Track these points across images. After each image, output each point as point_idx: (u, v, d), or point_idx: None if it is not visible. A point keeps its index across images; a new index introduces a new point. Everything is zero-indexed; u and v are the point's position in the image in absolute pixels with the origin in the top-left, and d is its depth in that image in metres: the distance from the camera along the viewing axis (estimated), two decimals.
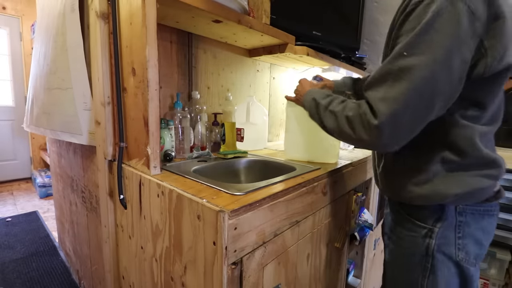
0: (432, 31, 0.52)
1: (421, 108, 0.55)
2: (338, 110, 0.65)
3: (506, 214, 1.49)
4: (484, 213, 0.66)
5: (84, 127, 1.05)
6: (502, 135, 1.67)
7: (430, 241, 0.66)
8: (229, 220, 0.56)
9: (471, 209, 0.65)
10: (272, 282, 0.72)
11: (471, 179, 0.62)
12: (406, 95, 0.53)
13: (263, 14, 1.18)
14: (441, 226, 0.66)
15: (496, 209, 0.69)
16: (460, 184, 0.62)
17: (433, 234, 0.66)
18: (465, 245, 0.65)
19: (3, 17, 3.17)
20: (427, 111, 0.56)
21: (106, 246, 1.03)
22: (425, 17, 0.52)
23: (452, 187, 0.63)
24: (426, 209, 0.67)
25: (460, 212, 0.65)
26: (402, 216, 0.72)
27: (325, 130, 0.71)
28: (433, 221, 0.67)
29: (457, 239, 0.65)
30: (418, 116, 0.56)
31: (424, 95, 0.54)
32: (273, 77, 1.69)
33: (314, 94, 0.77)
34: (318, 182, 0.86)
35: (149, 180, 0.78)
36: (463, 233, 0.65)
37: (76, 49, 1.02)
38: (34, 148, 3.52)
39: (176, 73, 1.16)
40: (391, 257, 0.77)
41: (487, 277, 1.56)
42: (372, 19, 1.97)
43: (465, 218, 0.65)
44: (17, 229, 2.23)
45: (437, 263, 0.66)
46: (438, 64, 0.52)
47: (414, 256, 0.69)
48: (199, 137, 1.17)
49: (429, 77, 0.52)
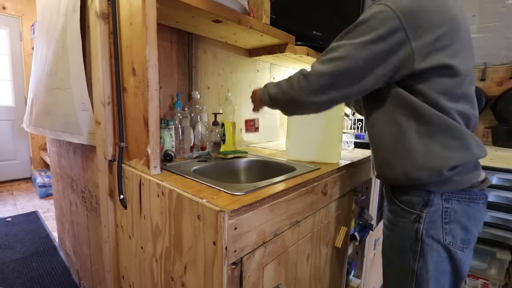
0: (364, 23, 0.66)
1: (341, 76, 0.68)
2: (281, 81, 0.80)
3: (506, 214, 1.49)
4: (469, 200, 0.71)
5: (84, 127, 1.05)
6: (502, 135, 1.67)
7: (419, 226, 0.72)
8: (229, 220, 0.56)
9: (457, 197, 0.70)
10: (272, 282, 0.72)
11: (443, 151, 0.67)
12: (332, 63, 0.68)
13: (263, 14, 1.18)
14: (428, 211, 0.71)
15: (482, 197, 0.73)
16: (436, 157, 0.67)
17: (421, 219, 0.72)
18: (452, 230, 0.71)
19: (3, 17, 3.17)
20: (346, 79, 0.69)
21: (106, 246, 1.03)
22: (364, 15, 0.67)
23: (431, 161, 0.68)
24: (414, 195, 0.73)
25: (446, 199, 0.71)
26: (394, 203, 0.78)
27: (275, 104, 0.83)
28: (420, 207, 0.72)
29: (444, 224, 0.71)
30: (339, 79, 0.69)
31: (342, 66, 0.67)
32: (273, 77, 1.69)
33: (266, 87, 0.87)
34: (318, 182, 0.86)
35: (149, 180, 0.78)
36: (450, 218, 0.71)
37: (74, 49, 1.02)
38: (34, 148, 3.52)
39: (176, 73, 1.16)
40: (387, 244, 0.83)
41: (487, 277, 1.57)
42: None
43: (451, 205, 0.71)
44: (17, 229, 2.23)
45: (426, 247, 0.72)
46: (359, 50, 0.65)
47: (406, 241, 0.75)
48: (199, 137, 1.17)
49: (350, 55, 0.66)
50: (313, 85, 0.70)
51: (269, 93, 0.83)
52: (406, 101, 0.69)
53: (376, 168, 0.82)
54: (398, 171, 0.73)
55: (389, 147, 0.74)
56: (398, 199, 0.77)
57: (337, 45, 0.69)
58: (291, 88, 0.75)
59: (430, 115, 0.67)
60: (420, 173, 0.69)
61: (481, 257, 1.57)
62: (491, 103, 1.84)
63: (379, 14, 0.64)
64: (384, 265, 0.85)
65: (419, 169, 0.69)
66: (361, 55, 0.65)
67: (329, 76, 0.68)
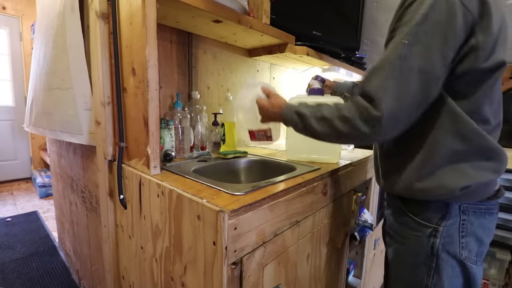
0: (429, 21, 0.55)
1: (420, 96, 0.57)
2: (328, 114, 0.65)
3: (506, 214, 1.49)
4: (485, 211, 0.67)
5: (84, 127, 1.05)
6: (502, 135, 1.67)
7: (435, 241, 0.67)
8: (229, 220, 0.56)
9: (473, 208, 0.66)
10: (272, 282, 0.72)
11: (474, 171, 0.63)
12: (404, 82, 0.56)
13: (263, 14, 1.18)
14: (446, 225, 0.66)
15: (496, 207, 0.70)
16: (464, 177, 0.62)
17: (438, 233, 0.66)
18: (468, 243, 0.66)
19: (3, 17, 3.17)
20: (425, 98, 0.58)
21: (106, 246, 1.03)
22: (422, 8, 0.56)
23: (457, 180, 0.63)
24: (430, 207, 0.67)
25: (464, 210, 0.66)
26: (405, 215, 0.72)
27: (317, 138, 0.70)
28: (437, 220, 0.67)
29: (460, 238, 0.66)
30: (417, 104, 0.58)
31: (422, 83, 0.56)
32: (273, 77, 1.69)
33: (293, 107, 0.74)
34: (318, 182, 0.86)
35: (149, 180, 0.78)
36: (466, 231, 0.66)
37: (76, 49, 1.02)
38: (34, 148, 3.52)
39: (176, 73, 1.16)
40: (395, 256, 0.77)
41: (487, 277, 1.56)
42: (372, 19, 1.97)
43: (468, 217, 0.66)
44: (17, 229, 2.23)
45: (442, 263, 0.67)
46: (435, 53, 0.56)
47: (419, 256, 0.69)
48: (199, 137, 1.17)
49: (426, 64, 0.56)
50: (389, 132, 0.59)
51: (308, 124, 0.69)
52: (446, 108, 0.61)
53: (384, 178, 0.77)
54: (415, 187, 0.67)
55: (410, 161, 0.68)
56: (410, 211, 0.71)
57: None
58: (352, 130, 0.61)
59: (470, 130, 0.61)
60: (439, 190, 0.64)
61: None
62: None
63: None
64: (391, 278, 0.79)
65: (440, 187, 0.64)
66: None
67: (408, 111, 0.58)
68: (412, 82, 0.56)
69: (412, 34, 0.56)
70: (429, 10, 0.55)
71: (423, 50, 0.55)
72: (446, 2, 0.55)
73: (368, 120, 0.58)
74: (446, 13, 0.55)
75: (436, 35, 0.55)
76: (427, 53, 0.55)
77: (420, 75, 0.56)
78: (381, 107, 0.56)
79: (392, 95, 0.56)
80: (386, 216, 0.82)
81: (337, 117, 0.63)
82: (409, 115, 0.59)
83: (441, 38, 0.55)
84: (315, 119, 0.67)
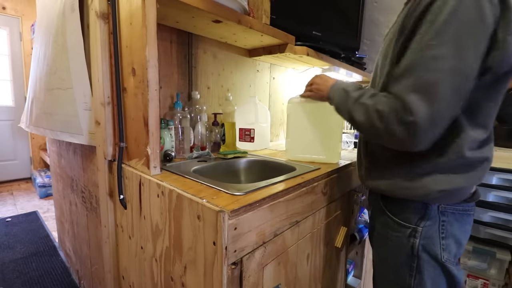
0: (457, 20, 0.52)
1: (455, 98, 0.54)
2: (369, 104, 0.61)
3: (506, 214, 1.49)
4: (463, 212, 0.67)
5: (84, 127, 1.05)
6: (502, 135, 1.67)
7: (415, 241, 0.67)
8: (229, 220, 0.56)
9: (452, 209, 0.66)
10: (272, 282, 0.72)
11: (457, 178, 0.63)
12: (440, 87, 0.52)
13: (263, 14, 1.18)
14: (425, 225, 0.67)
15: (473, 209, 0.70)
16: (447, 182, 0.63)
17: (417, 233, 0.67)
18: (448, 245, 0.67)
19: (3, 17, 3.17)
20: (460, 100, 0.55)
21: (106, 246, 1.03)
22: (447, 7, 0.52)
23: (438, 184, 0.63)
24: (409, 207, 0.68)
25: (443, 211, 0.66)
26: (385, 215, 0.73)
27: (352, 123, 0.68)
28: (416, 220, 0.67)
29: (441, 240, 0.66)
30: (452, 108, 0.54)
31: (456, 85, 0.53)
32: (273, 77, 1.69)
33: (343, 85, 0.73)
34: (318, 182, 0.86)
35: (149, 180, 0.78)
36: (446, 233, 0.66)
37: (76, 49, 1.02)
38: (34, 148, 3.52)
39: (176, 73, 1.16)
40: (379, 257, 0.78)
41: (487, 277, 1.56)
42: (372, 19, 1.97)
43: (447, 218, 0.66)
44: (17, 229, 2.23)
45: (423, 263, 0.67)
46: (467, 53, 0.52)
47: (401, 256, 0.70)
48: (199, 137, 1.17)
49: (460, 66, 0.52)
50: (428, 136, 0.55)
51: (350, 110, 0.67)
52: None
53: (367, 174, 0.77)
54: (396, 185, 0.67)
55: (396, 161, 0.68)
56: (390, 211, 0.72)
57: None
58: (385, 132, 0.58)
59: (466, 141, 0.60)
60: (419, 191, 0.65)
61: (481, 257, 1.57)
62: None
63: None
64: (377, 278, 0.81)
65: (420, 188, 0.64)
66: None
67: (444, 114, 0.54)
68: (445, 84, 0.52)
69: (441, 35, 0.52)
70: (456, 8, 0.52)
71: (455, 50, 0.52)
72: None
73: (401, 123, 0.55)
74: (475, 9, 0.51)
75: (467, 34, 0.52)
76: (460, 53, 0.52)
77: (455, 76, 0.52)
78: (415, 111, 0.53)
79: (425, 99, 0.53)
80: (369, 217, 0.83)
81: (375, 110, 0.59)
82: (446, 117, 0.55)
83: (472, 36, 0.52)
84: (357, 103, 0.65)
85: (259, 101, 1.34)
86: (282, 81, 1.77)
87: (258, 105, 1.32)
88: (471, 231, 0.72)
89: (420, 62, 0.54)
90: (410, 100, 0.53)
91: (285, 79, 1.79)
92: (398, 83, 0.57)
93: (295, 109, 1.04)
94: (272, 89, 1.70)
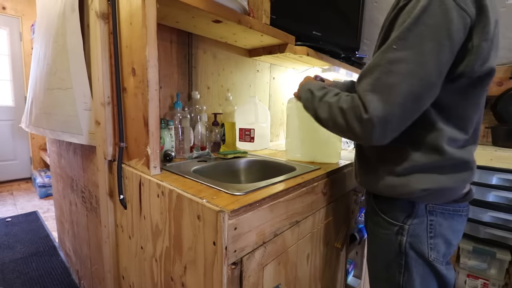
0: (421, 25, 0.52)
1: (410, 102, 0.55)
2: (332, 102, 0.65)
3: (506, 214, 1.49)
4: (453, 213, 0.68)
5: (84, 127, 1.05)
6: (502, 135, 1.67)
7: (402, 238, 0.69)
8: (229, 220, 0.56)
9: (440, 209, 0.67)
10: (272, 282, 0.72)
11: (442, 178, 0.63)
12: (396, 89, 0.53)
13: (263, 14, 1.18)
14: (411, 223, 0.67)
15: (466, 209, 0.70)
16: (430, 181, 0.63)
17: (404, 231, 0.68)
18: (436, 245, 0.67)
19: (3, 17, 3.17)
20: (417, 105, 0.56)
21: (106, 246, 1.03)
22: (414, 11, 0.53)
23: (421, 183, 0.63)
24: (397, 206, 0.69)
25: (431, 211, 0.67)
26: (376, 213, 0.75)
27: (318, 121, 0.72)
28: (403, 218, 0.68)
29: (429, 239, 0.67)
30: (407, 110, 0.56)
31: (413, 88, 0.53)
32: (273, 77, 1.69)
33: (310, 85, 0.77)
34: (318, 182, 0.86)
35: (149, 180, 0.78)
36: (435, 232, 0.67)
37: (76, 49, 1.02)
38: (34, 148, 3.52)
39: (176, 73, 1.16)
40: (371, 254, 0.80)
41: (487, 277, 1.56)
42: (372, 19, 1.97)
43: (436, 217, 0.67)
44: (17, 229, 2.23)
45: (411, 260, 0.68)
46: (427, 58, 0.53)
47: (390, 253, 0.72)
48: (199, 137, 1.17)
49: (418, 70, 0.53)
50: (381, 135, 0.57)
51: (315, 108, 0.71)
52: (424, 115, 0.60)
53: (359, 173, 0.79)
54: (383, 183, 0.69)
55: (383, 159, 0.69)
56: (380, 209, 0.73)
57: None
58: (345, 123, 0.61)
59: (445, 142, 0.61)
60: (403, 189, 0.66)
61: (481, 257, 1.57)
62: (491, 103, 1.84)
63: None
64: (370, 275, 0.82)
65: (404, 186, 0.65)
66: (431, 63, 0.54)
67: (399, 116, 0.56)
68: (401, 88, 0.53)
69: (403, 38, 0.53)
70: (421, 13, 0.52)
71: (415, 55, 0.53)
72: (440, 4, 0.52)
73: (358, 120, 0.57)
74: (441, 15, 0.52)
75: (430, 39, 0.52)
76: (420, 58, 0.53)
77: (412, 80, 0.53)
78: (370, 110, 0.55)
79: (380, 99, 0.54)
80: (365, 215, 0.86)
81: (338, 107, 0.63)
82: (401, 119, 0.56)
83: (435, 42, 0.52)
84: (321, 102, 0.69)
85: (259, 101, 1.34)
86: (282, 81, 1.77)
87: (258, 105, 1.32)
88: (463, 231, 0.72)
89: (381, 64, 0.56)
90: (367, 99, 0.55)
91: (285, 79, 1.79)
92: (361, 82, 0.59)
93: (295, 109, 1.04)
94: (272, 89, 1.70)
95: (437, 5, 0.52)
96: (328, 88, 0.72)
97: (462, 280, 1.63)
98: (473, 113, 0.63)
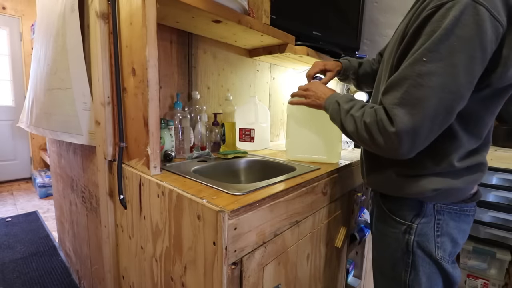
0: (453, 36, 0.50)
1: (441, 116, 0.54)
2: (357, 115, 0.65)
3: (506, 214, 1.49)
4: (460, 212, 0.68)
5: (84, 127, 1.05)
6: (502, 135, 1.67)
7: (410, 237, 0.69)
8: (229, 220, 0.56)
9: (448, 208, 0.67)
10: (272, 282, 0.72)
11: (453, 180, 0.64)
12: (426, 103, 0.52)
13: (263, 14, 1.18)
14: (420, 222, 0.68)
15: (473, 210, 0.70)
16: (441, 182, 0.64)
17: (412, 230, 0.69)
18: (443, 243, 0.68)
19: (3, 17, 3.17)
20: (447, 118, 0.55)
21: (106, 246, 1.03)
22: (445, 21, 0.50)
23: (432, 183, 0.64)
24: (406, 205, 0.70)
25: (438, 210, 0.67)
26: (384, 212, 0.75)
27: (345, 133, 0.71)
28: (412, 217, 0.69)
29: (436, 237, 0.67)
30: (437, 123, 0.55)
31: (444, 102, 0.52)
32: (273, 77, 1.69)
33: (337, 97, 0.75)
34: (318, 182, 0.86)
35: (149, 180, 0.78)
36: (442, 231, 0.67)
37: (75, 49, 1.02)
38: (34, 148, 3.52)
39: (176, 73, 1.16)
40: (377, 252, 0.80)
41: (487, 277, 1.56)
42: (372, 19, 1.97)
43: (443, 217, 0.67)
44: (17, 229, 2.23)
45: (418, 259, 0.69)
46: (459, 70, 0.51)
47: (397, 252, 0.72)
48: (199, 137, 1.17)
49: (449, 83, 0.52)
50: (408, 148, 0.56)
51: (342, 121, 0.70)
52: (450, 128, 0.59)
53: (367, 172, 0.79)
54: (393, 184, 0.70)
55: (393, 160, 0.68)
56: (388, 209, 0.74)
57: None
58: (369, 136, 0.61)
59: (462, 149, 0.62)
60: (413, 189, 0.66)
61: (481, 257, 1.57)
62: None
63: None
64: (376, 273, 0.82)
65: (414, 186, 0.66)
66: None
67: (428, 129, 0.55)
68: (432, 101, 0.52)
69: (434, 50, 0.51)
70: (454, 24, 0.49)
71: (446, 67, 0.51)
72: (473, 14, 0.49)
73: (383, 133, 0.57)
74: (474, 27, 0.49)
75: (462, 52, 0.50)
76: (451, 70, 0.51)
77: (443, 93, 0.52)
78: (397, 123, 0.54)
79: (409, 113, 0.53)
80: (370, 213, 0.86)
81: (362, 121, 0.62)
82: (429, 133, 0.55)
83: (467, 54, 0.50)
84: (348, 115, 0.68)
85: (259, 101, 1.34)
86: (282, 81, 1.77)
87: (258, 105, 1.32)
88: (469, 231, 0.72)
89: (410, 77, 0.54)
90: (394, 113, 0.55)
91: (285, 79, 1.79)
92: (388, 95, 0.58)
93: (295, 109, 1.04)
94: (272, 89, 1.70)
95: (470, 15, 0.49)
96: (355, 101, 0.71)
97: (462, 280, 1.63)
98: (489, 120, 0.63)
